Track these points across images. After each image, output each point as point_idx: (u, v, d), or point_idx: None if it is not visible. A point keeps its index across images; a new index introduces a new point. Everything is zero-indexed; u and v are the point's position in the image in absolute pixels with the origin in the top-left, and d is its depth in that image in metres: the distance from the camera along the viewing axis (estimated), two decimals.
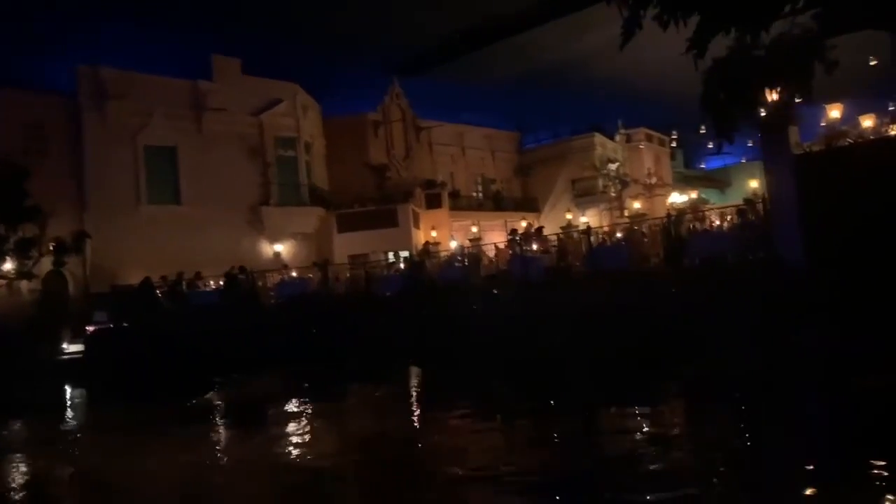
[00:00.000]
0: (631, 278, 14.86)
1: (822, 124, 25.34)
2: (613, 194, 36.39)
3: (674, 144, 46.63)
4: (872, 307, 10.55)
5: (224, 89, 27.18)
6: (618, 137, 39.40)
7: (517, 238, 19.86)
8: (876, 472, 6.43)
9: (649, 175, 39.80)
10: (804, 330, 11.32)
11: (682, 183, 43.89)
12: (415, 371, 16.46)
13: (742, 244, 14.19)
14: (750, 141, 47.82)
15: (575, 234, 17.88)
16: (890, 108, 27.38)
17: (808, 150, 13.12)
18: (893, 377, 8.69)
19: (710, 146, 50.09)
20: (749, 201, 15.28)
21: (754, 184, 31.39)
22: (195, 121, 26.60)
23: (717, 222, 15.95)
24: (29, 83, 24.23)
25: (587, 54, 35.26)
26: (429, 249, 26.00)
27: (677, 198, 31.42)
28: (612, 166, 37.05)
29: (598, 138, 39.05)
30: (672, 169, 46.49)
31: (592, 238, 16.55)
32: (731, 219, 15.25)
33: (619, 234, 17.67)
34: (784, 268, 12.29)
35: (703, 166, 56.28)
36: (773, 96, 12.28)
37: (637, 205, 33.70)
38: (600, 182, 37.16)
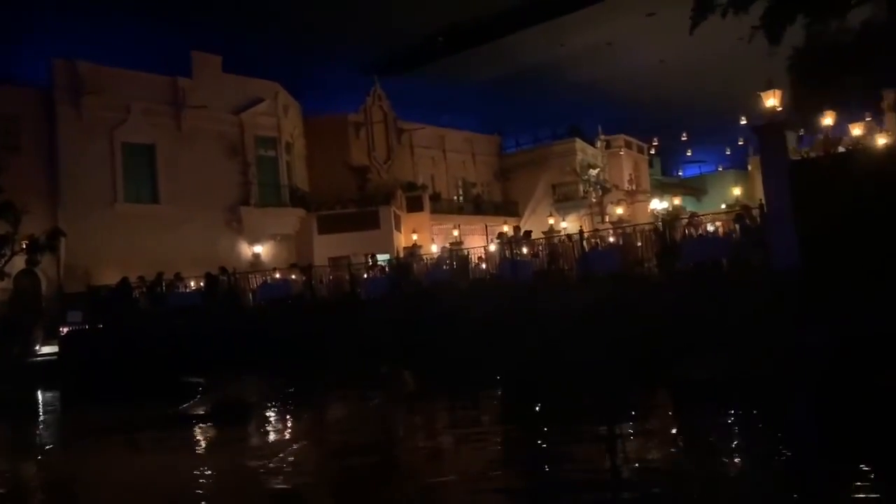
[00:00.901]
0: (624, 281, 14.75)
1: (801, 133, 25.68)
2: (594, 200, 36.48)
3: (653, 152, 46.97)
4: (867, 311, 10.56)
5: (204, 86, 26.66)
6: (598, 143, 39.59)
7: (505, 241, 19.73)
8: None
9: (630, 181, 39.98)
10: (799, 333, 11.27)
11: (660, 190, 44.25)
12: (402, 374, 16.18)
13: (737, 249, 14.14)
14: (728, 149, 48.62)
15: (566, 238, 17.75)
16: (867, 119, 27.88)
17: (804, 155, 13.12)
18: None
19: (689, 154, 50.97)
20: (745, 206, 15.25)
21: (737, 191, 31.67)
22: (174, 118, 26.04)
23: (712, 227, 15.90)
24: (2, 75, 23.49)
25: (567, 59, 35.51)
26: (415, 252, 25.72)
27: (658, 204, 31.56)
28: (593, 172, 37.19)
29: (579, 144, 39.20)
30: (650, 176, 46.89)
31: (584, 242, 16.41)
32: (725, 224, 15.20)
33: (611, 239, 17.56)
34: (779, 272, 12.26)
35: (679, 174, 56.85)
36: (770, 101, 12.27)
37: (619, 210, 33.79)
38: (581, 187, 37.26)
